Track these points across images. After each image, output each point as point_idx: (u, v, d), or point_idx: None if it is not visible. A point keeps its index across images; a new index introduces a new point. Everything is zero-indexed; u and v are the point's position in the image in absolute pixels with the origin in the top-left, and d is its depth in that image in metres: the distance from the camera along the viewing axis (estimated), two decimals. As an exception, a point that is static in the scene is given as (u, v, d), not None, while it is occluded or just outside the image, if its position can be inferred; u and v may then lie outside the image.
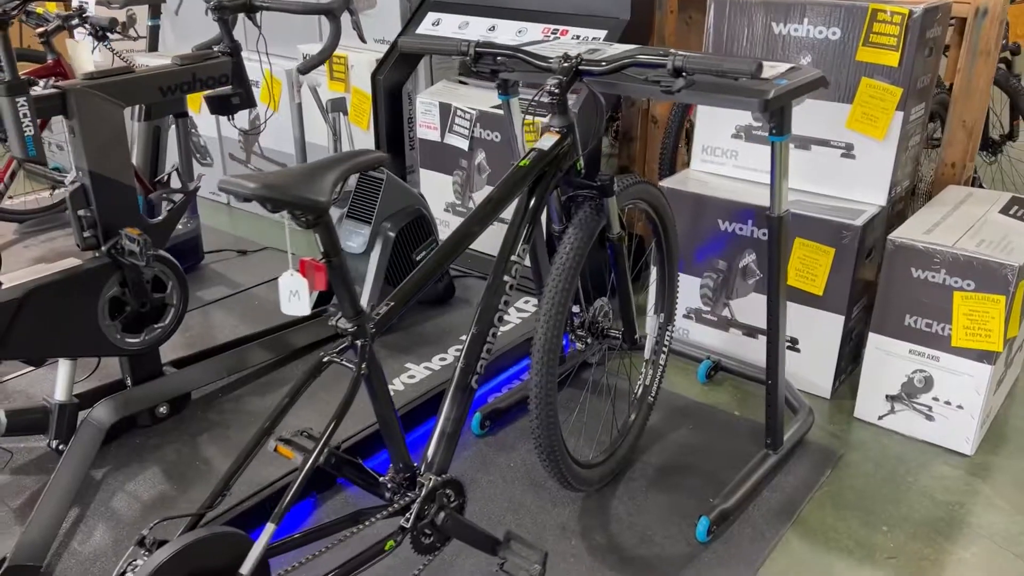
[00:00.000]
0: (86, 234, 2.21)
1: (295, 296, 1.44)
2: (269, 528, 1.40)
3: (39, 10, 3.18)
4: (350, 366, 1.55)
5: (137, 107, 3.31)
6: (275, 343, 2.78)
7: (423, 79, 3.80)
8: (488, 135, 3.38)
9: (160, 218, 2.39)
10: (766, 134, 2.85)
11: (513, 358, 2.93)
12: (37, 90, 2.03)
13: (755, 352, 2.88)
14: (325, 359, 1.58)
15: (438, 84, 3.67)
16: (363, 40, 2.48)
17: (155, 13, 4.48)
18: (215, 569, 1.36)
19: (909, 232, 2.48)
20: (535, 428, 1.97)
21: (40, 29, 3.06)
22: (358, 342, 1.54)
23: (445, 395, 1.81)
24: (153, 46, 4.69)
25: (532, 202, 1.86)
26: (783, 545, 2.16)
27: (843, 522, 2.24)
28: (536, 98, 1.84)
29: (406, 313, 3.08)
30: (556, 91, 1.79)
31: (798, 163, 2.79)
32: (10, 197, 3.94)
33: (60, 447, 2.26)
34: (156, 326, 2.39)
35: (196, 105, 3.93)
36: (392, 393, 2.58)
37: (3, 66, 2.05)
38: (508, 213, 1.93)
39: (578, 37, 3.16)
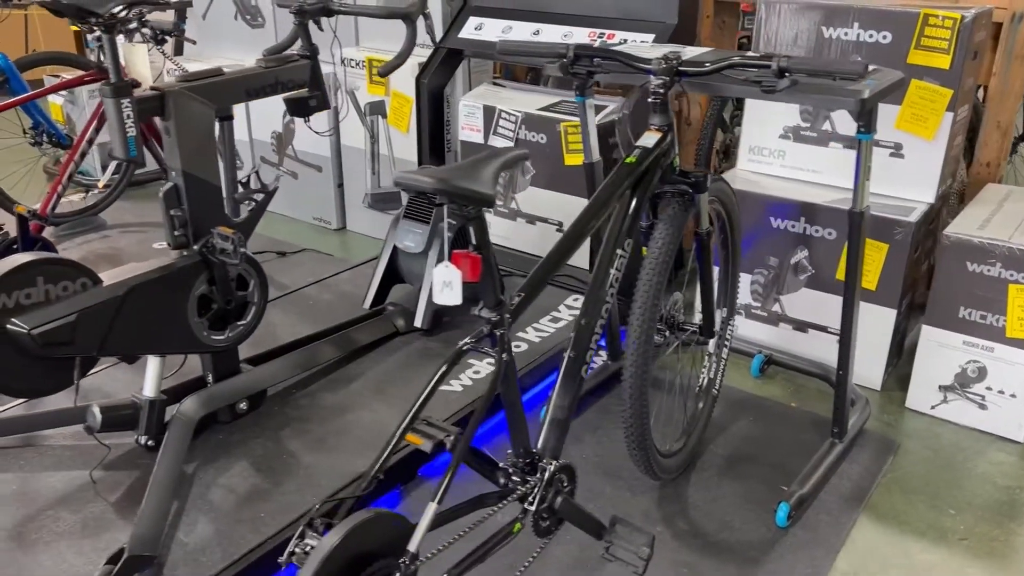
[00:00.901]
0: (177, 233, 2.25)
1: (447, 287, 1.50)
2: (431, 507, 1.46)
3: (92, 14, 3.21)
4: (492, 354, 1.61)
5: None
6: (341, 340, 2.83)
7: (460, 83, 3.86)
8: (534, 137, 3.45)
9: (243, 218, 2.44)
10: (815, 134, 2.96)
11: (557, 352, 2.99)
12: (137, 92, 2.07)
13: (805, 346, 2.97)
14: (465, 348, 1.64)
15: (479, 87, 3.74)
16: (434, 42, 2.54)
17: (181, 17, 4.52)
18: (377, 548, 1.41)
19: (963, 228, 2.58)
20: (628, 420, 2.04)
21: (96, 33, 3.09)
22: (498, 331, 1.60)
23: (555, 384, 1.87)
24: (179, 50, 4.73)
25: (637, 197, 1.93)
26: (858, 529, 2.24)
27: (911, 507, 2.33)
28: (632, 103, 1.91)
29: (462, 311, 3.15)
30: (660, 91, 1.87)
31: (847, 162, 2.89)
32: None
33: (149, 443, 2.29)
34: (239, 323, 2.44)
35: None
36: (460, 389, 2.68)
37: (109, 68, 2.08)
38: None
39: (625, 40, 3.23)
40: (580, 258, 3.51)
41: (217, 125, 3.47)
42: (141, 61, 3.15)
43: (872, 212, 2.73)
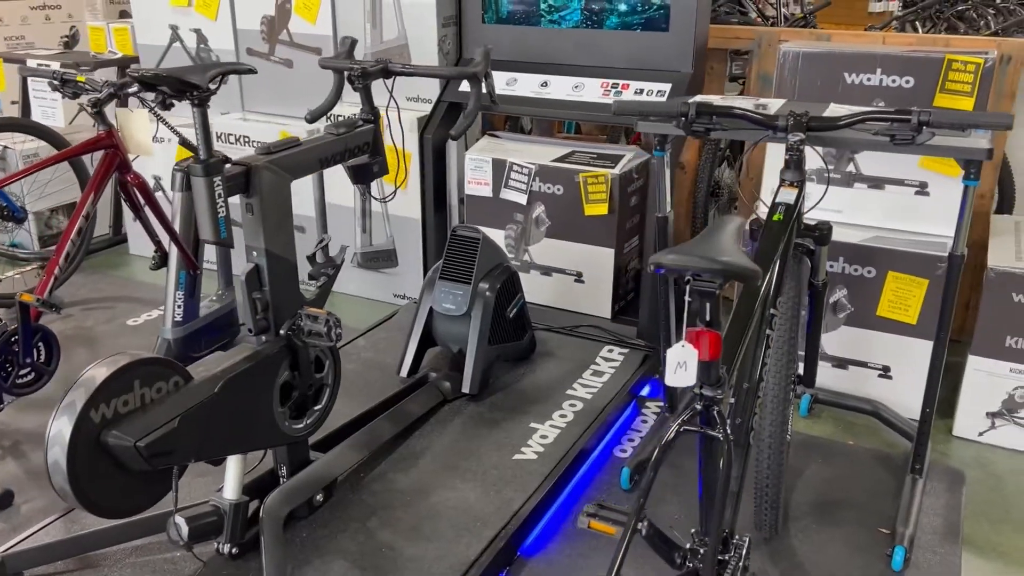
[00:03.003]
0: (259, 316, 2.07)
1: (682, 367, 1.42)
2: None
3: (80, 78, 2.95)
4: (717, 434, 1.53)
5: (179, 176, 3.15)
6: (397, 415, 2.67)
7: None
8: (549, 188, 3.40)
9: (313, 295, 2.27)
10: (838, 175, 3.04)
11: (616, 407, 2.93)
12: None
13: (847, 383, 3.03)
14: (683, 429, 1.55)
15: (480, 141, 3.67)
16: (494, 102, 2.47)
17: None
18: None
19: (1003, 260, 2.70)
20: (768, 480, 2.00)
21: (91, 98, 2.83)
22: (715, 409, 1.53)
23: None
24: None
25: (781, 254, 1.91)
26: (967, 564, 2.27)
27: (1004, 537, 2.39)
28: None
29: (499, 372, 3.05)
30: (798, 148, 1.87)
31: (871, 202, 2.98)
32: None
33: (233, 551, 2.08)
34: (315, 408, 2.26)
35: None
36: (535, 456, 2.57)
37: (199, 144, 1.90)
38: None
39: (641, 91, 3.25)
40: (602, 307, 3.47)
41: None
42: (141, 128, 2.91)
43: (911, 249, 2.83)
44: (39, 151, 4.29)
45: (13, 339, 2.64)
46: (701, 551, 1.66)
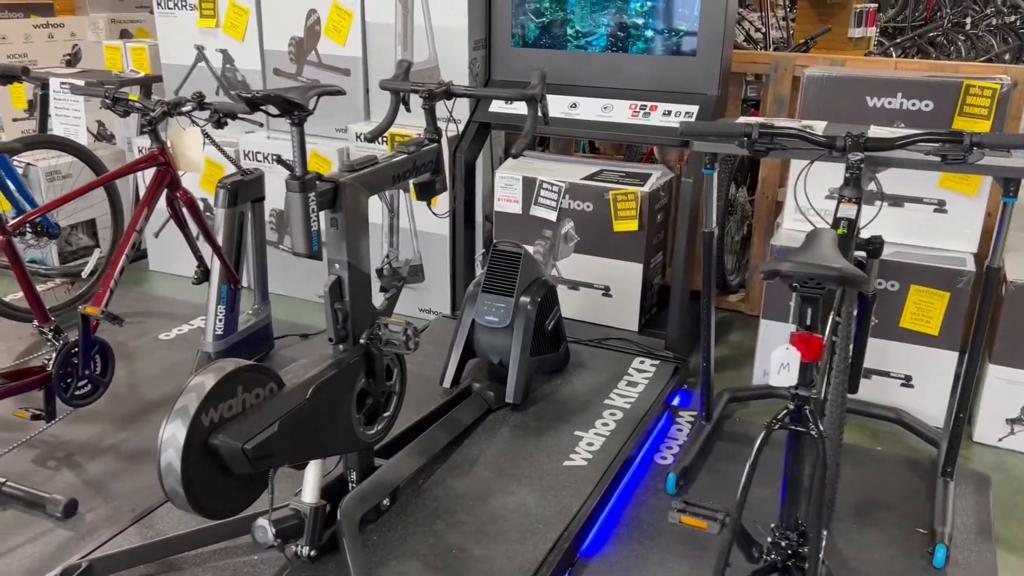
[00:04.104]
0: (339, 326, 2.15)
1: (785, 368, 1.53)
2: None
3: (132, 97, 3.01)
4: (811, 431, 1.64)
5: (222, 193, 3.23)
6: (449, 423, 2.76)
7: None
8: (579, 205, 3.52)
9: (382, 306, 2.36)
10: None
11: (654, 416, 3.04)
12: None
13: (870, 391, 3.16)
14: (776, 427, 1.66)
15: (509, 160, 3.78)
16: (547, 123, 2.58)
17: (147, 94, 4.31)
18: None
19: (1023, 274, 2.86)
20: (828, 486, 2.11)
21: (147, 117, 2.90)
22: (807, 408, 1.63)
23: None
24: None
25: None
26: (1001, 561, 2.41)
27: (1032, 534, 2.52)
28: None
29: (538, 383, 3.15)
30: (858, 167, 2.00)
31: (892, 219, 3.13)
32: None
33: (311, 553, 2.15)
34: (384, 415, 2.34)
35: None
36: (584, 462, 2.66)
37: (295, 161, 1.98)
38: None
39: (668, 112, 3.38)
40: (629, 320, 3.59)
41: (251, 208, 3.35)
42: (194, 146, 2.98)
43: (933, 264, 2.98)
44: (61, 168, 4.34)
45: (74, 351, 2.69)
46: (783, 544, 1.77)
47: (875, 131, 2.23)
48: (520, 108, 3.62)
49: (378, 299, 2.42)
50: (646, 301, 3.59)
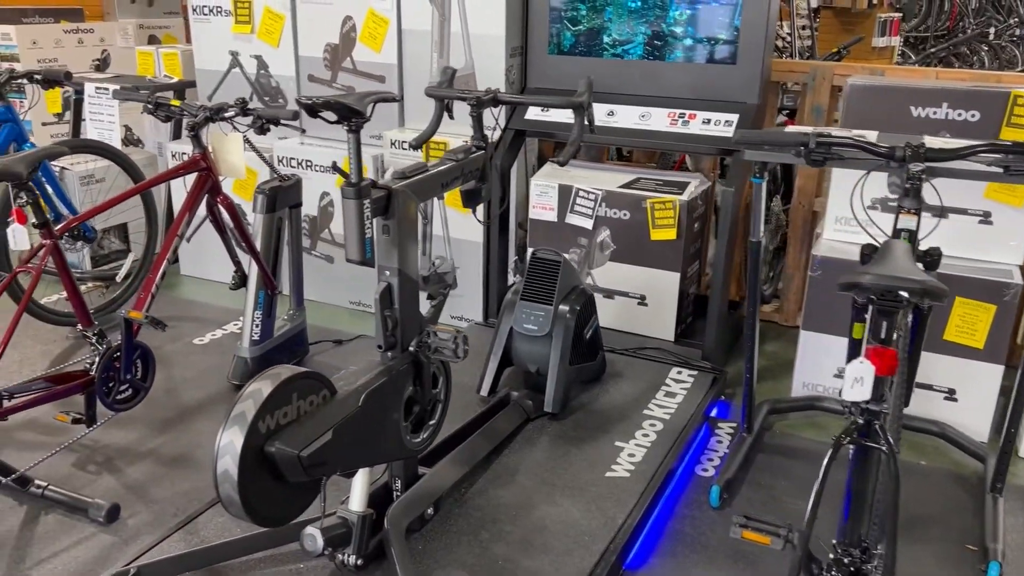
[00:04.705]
0: (389, 334, 2.14)
1: (859, 382, 1.50)
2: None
3: (174, 102, 3.02)
4: (880, 447, 1.61)
5: (260, 199, 3.23)
6: (489, 432, 2.74)
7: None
8: (615, 213, 3.50)
9: (431, 313, 2.34)
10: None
11: (694, 428, 3.01)
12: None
13: (912, 405, 3.11)
14: (846, 442, 1.63)
15: (546, 167, 3.77)
16: (592, 131, 2.57)
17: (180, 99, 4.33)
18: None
19: (1072, 287, 2.82)
20: (890, 502, 2.08)
21: (188, 121, 2.91)
22: (878, 423, 1.61)
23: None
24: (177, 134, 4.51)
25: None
26: (1055, 578, 2.37)
27: (1085, 551, 2.48)
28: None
29: (575, 392, 3.13)
30: (919, 177, 1.97)
31: (936, 230, 3.09)
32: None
33: (358, 562, 2.13)
34: (430, 423, 2.33)
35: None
36: (627, 474, 2.64)
37: (352, 168, 1.97)
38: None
39: (708, 121, 3.36)
40: (665, 330, 3.56)
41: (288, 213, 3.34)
42: (235, 151, 2.98)
43: (978, 276, 2.94)
44: (95, 172, 4.36)
45: (116, 355, 2.69)
46: (846, 560, 1.74)
47: (929, 141, 2.20)
48: (556, 115, 3.61)
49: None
50: (682, 311, 3.56)
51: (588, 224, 3.55)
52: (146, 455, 2.80)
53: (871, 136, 2.31)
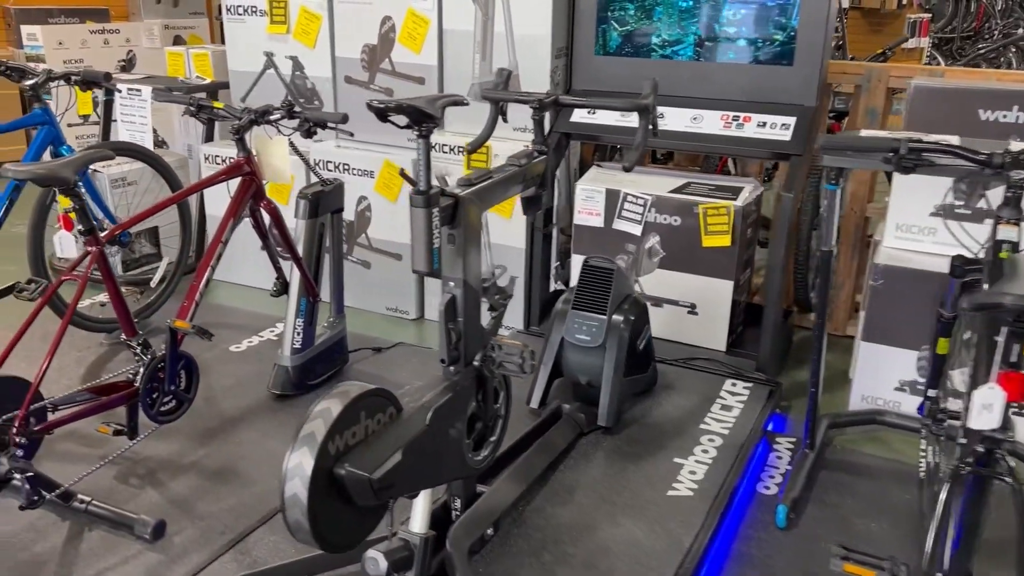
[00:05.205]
0: (452, 347, 2.04)
1: (987, 409, 1.40)
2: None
3: (217, 104, 2.94)
4: (1005, 478, 1.50)
5: (303, 204, 3.14)
6: (544, 447, 2.64)
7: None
8: (665, 219, 3.40)
9: (491, 325, 2.24)
10: (968, 212, 3.04)
11: (753, 443, 2.91)
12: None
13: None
14: (964, 471, 1.53)
15: (590, 171, 3.67)
16: (655, 135, 2.47)
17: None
18: None
19: None
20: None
21: (233, 124, 2.82)
22: (1000, 453, 1.50)
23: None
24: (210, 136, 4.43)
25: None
26: None
27: None
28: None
29: (625, 406, 3.02)
30: (1020, 185, 1.87)
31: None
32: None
33: (420, 585, 2.03)
34: (491, 440, 2.23)
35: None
36: (690, 492, 2.53)
37: (421, 175, 1.87)
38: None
39: (764, 124, 3.26)
40: (717, 340, 3.46)
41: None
42: (281, 155, 2.90)
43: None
44: (126, 175, 4.28)
45: (160, 366, 2.60)
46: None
47: (1016, 146, 2.09)
48: (603, 118, 3.51)
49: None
50: (734, 320, 3.45)
51: (636, 230, 3.44)
52: (189, 468, 2.72)
53: (953, 141, 2.20)
